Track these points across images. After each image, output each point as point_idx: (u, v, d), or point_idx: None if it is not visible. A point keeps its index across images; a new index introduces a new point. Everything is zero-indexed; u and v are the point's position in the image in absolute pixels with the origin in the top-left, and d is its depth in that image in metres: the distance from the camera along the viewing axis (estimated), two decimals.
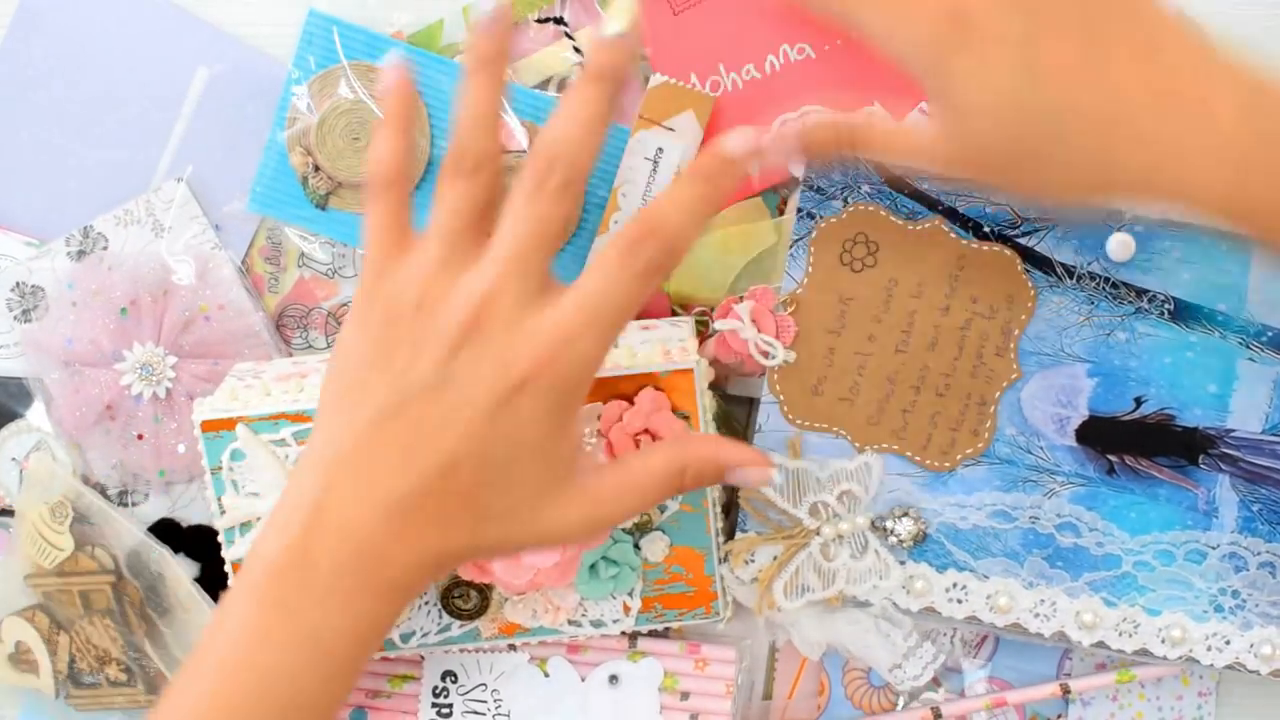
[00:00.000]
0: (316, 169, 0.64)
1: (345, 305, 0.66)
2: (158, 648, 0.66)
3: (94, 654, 0.66)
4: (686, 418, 0.58)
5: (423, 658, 0.65)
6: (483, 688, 0.64)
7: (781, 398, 0.61)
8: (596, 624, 0.62)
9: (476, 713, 0.64)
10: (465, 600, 0.61)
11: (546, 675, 0.64)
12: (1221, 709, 0.64)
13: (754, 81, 0.65)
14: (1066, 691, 0.63)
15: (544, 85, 0.65)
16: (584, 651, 0.64)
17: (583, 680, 0.64)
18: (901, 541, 0.60)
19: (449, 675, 0.64)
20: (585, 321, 0.47)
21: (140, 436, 0.65)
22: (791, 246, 0.61)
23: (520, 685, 0.64)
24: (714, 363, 0.62)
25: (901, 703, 0.65)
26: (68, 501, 0.65)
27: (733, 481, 0.52)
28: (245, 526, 0.59)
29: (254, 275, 0.66)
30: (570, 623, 0.61)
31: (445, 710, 0.64)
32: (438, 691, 0.64)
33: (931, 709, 0.63)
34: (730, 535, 0.62)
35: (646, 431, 0.58)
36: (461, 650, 0.64)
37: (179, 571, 0.65)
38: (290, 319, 0.66)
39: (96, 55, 0.65)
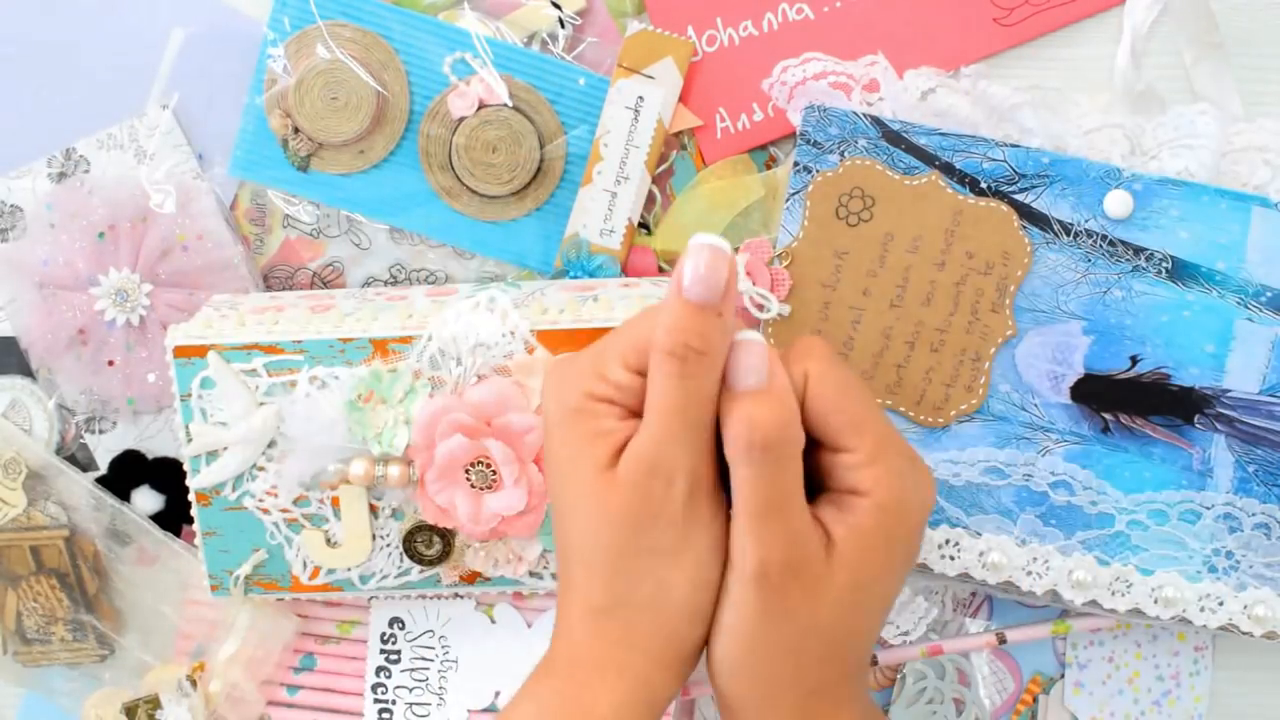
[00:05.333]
0: (296, 131, 0.63)
1: (331, 265, 0.66)
2: (113, 601, 0.66)
3: (40, 614, 0.65)
4: None
5: (369, 602, 0.65)
6: (430, 634, 0.65)
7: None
8: (558, 577, 0.61)
9: (424, 659, 0.65)
10: (428, 546, 0.60)
11: (493, 622, 0.65)
12: (1218, 663, 0.64)
13: (751, 38, 0.64)
14: (1003, 641, 0.63)
15: (528, 41, 0.64)
16: (530, 598, 0.64)
17: (529, 626, 0.64)
18: None
19: (396, 622, 0.65)
20: None
21: (111, 363, 0.65)
22: (787, 200, 0.61)
23: (467, 632, 0.65)
24: None
25: (898, 685, 0.64)
26: (20, 458, 0.65)
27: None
28: (211, 455, 0.59)
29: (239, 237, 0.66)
30: (531, 574, 0.61)
31: (394, 657, 0.65)
32: (385, 638, 0.65)
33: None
34: None
35: None
36: (407, 595, 0.64)
37: (141, 521, 0.65)
38: (277, 280, 0.67)
39: (71, 12, 0.65)
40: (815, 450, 0.48)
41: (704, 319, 0.45)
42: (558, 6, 0.63)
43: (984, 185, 0.60)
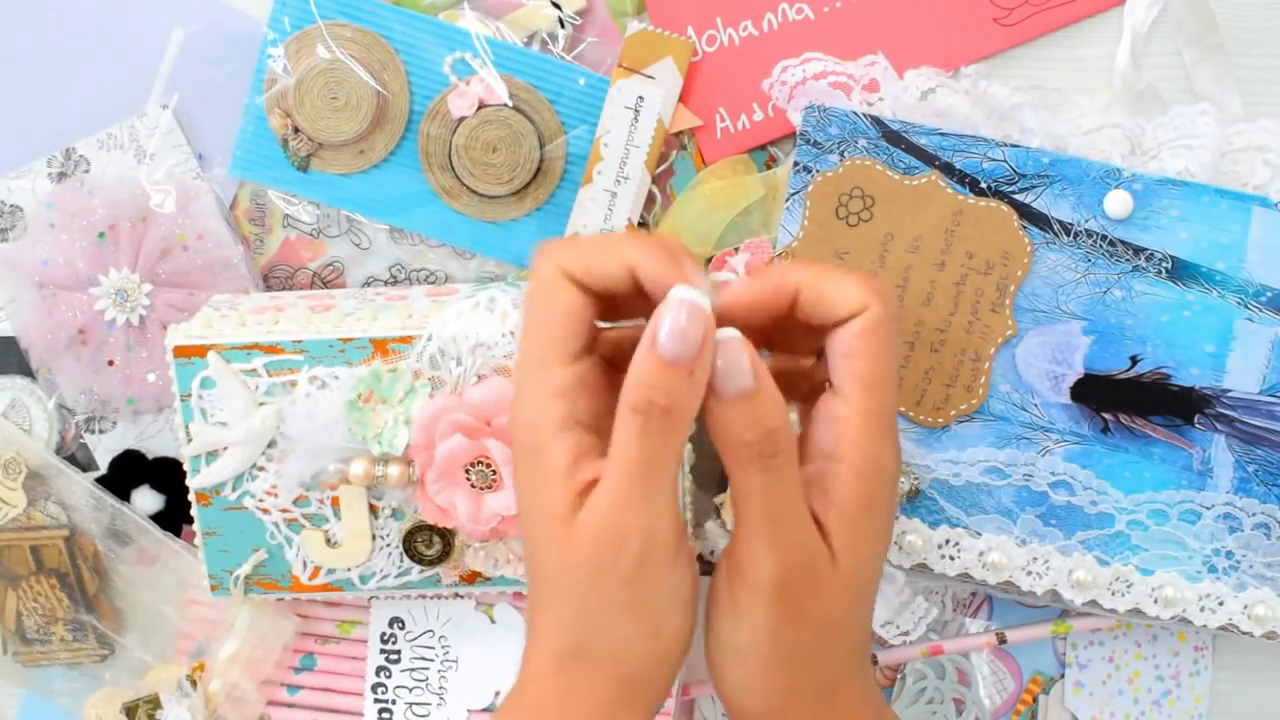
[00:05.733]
0: (296, 131, 0.63)
1: (331, 265, 0.66)
2: (113, 601, 0.66)
3: (40, 613, 0.65)
4: None
5: (369, 602, 0.65)
6: (430, 634, 0.65)
7: None
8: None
9: (424, 659, 0.65)
10: (428, 546, 0.60)
11: (493, 622, 0.65)
12: (1219, 663, 0.64)
13: (751, 38, 0.64)
14: (1003, 641, 0.64)
15: (528, 41, 0.64)
16: None
17: None
18: None
19: (396, 622, 0.65)
20: None
21: (111, 363, 0.65)
22: (787, 200, 0.61)
23: (467, 631, 0.65)
24: None
25: (898, 685, 0.65)
26: (20, 458, 0.65)
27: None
28: (211, 455, 0.59)
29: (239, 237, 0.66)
30: None
31: (394, 657, 0.65)
32: (386, 638, 0.65)
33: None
34: (721, 489, 0.61)
35: None
36: (407, 595, 0.64)
37: (141, 521, 0.65)
38: (277, 280, 0.67)
39: (71, 12, 0.65)
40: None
41: (674, 376, 0.43)
42: (558, 6, 0.63)
43: (984, 185, 0.60)
